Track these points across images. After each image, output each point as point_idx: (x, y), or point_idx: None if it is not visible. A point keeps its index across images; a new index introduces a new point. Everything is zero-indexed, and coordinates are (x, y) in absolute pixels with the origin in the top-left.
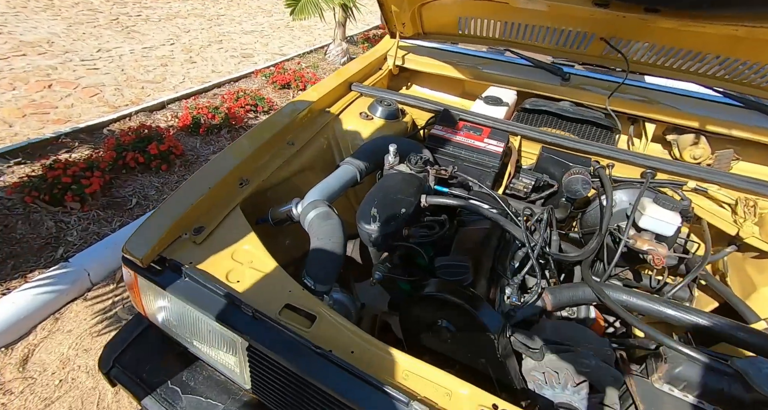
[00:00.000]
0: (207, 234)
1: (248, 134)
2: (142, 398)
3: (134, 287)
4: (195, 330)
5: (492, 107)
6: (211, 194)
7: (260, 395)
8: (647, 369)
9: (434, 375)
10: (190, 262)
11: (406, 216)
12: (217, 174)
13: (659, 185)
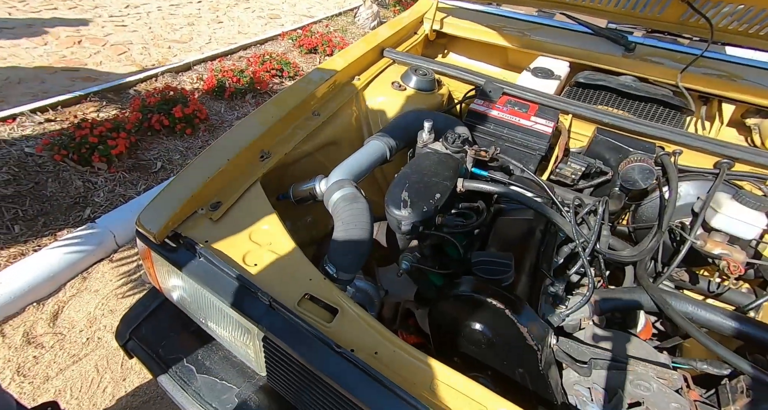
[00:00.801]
0: (224, 211)
1: (270, 102)
2: (158, 375)
3: (147, 258)
4: (210, 312)
5: (541, 80)
6: (230, 166)
7: (275, 385)
8: (718, 397)
9: (468, 388)
10: (206, 241)
11: (440, 202)
12: (237, 145)
13: (736, 178)
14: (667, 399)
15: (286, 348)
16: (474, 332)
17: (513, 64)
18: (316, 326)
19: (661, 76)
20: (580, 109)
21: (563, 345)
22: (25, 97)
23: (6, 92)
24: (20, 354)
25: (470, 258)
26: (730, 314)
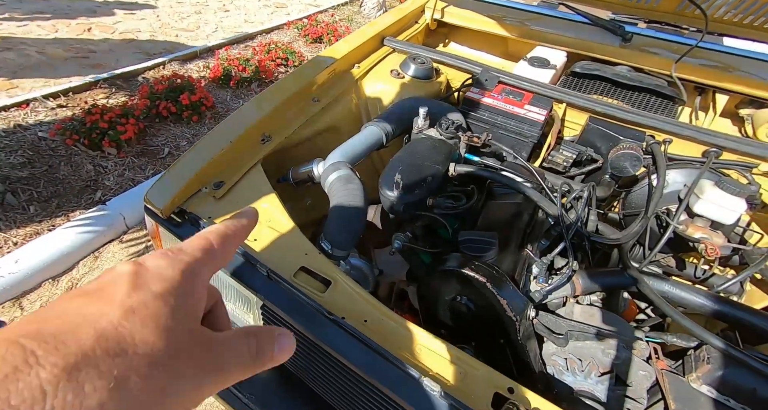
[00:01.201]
0: (227, 190)
1: (272, 88)
2: None
3: (156, 237)
4: (213, 282)
5: (537, 70)
6: (232, 148)
7: None
8: (684, 366)
9: (450, 353)
10: (209, 217)
11: (431, 185)
12: (239, 128)
13: (724, 167)
14: (636, 368)
15: (282, 315)
16: (458, 304)
17: (512, 53)
18: (311, 295)
19: (656, 66)
20: (573, 98)
21: (543, 319)
22: (38, 84)
23: (20, 77)
24: None
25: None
26: (704, 294)
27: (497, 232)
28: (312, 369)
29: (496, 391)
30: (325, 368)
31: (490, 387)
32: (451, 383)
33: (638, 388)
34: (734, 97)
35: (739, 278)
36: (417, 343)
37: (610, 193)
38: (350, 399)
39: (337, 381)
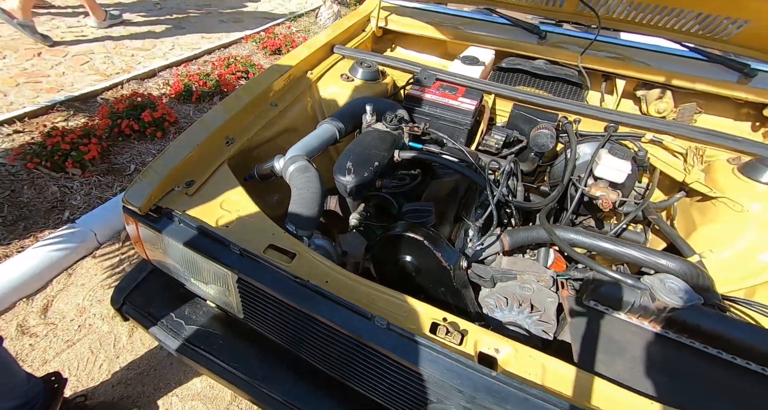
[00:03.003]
0: (197, 187)
1: (232, 96)
2: (150, 327)
3: (138, 242)
4: (192, 268)
5: (468, 67)
6: (200, 150)
7: (252, 321)
8: (580, 291)
9: (395, 297)
10: (183, 210)
11: (378, 169)
12: (204, 133)
13: (620, 138)
14: (545, 295)
15: (256, 284)
16: (405, 263)
17: (451, 54)
18: (279, 265)
19: (567, 59)
20: (500, 89)
21: (475, 269)
22: None
23: None
24: (16, 343)
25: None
26: (603, 238)
27: (439, 205)
28: (288, 329)
29: (433, 321)
30: (298, 326)
31: (429, 318)
32: (398, 319)
33: (549, 312)
34: (630, 81)
35: (624, 221)
36: (369, 293)
37: (534, 167)
38: (322, 349)
39: (309, 335)
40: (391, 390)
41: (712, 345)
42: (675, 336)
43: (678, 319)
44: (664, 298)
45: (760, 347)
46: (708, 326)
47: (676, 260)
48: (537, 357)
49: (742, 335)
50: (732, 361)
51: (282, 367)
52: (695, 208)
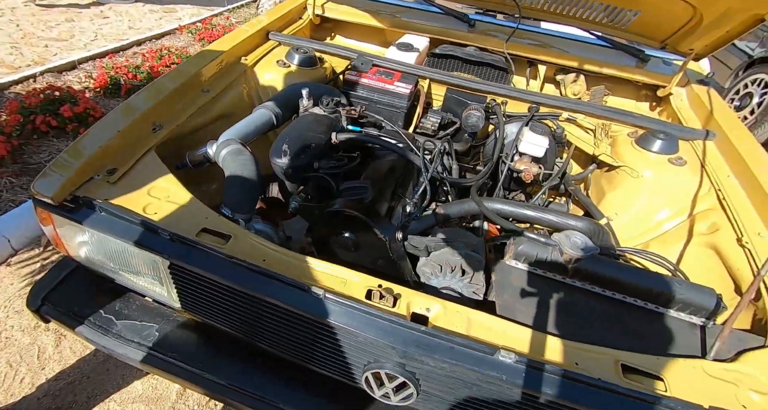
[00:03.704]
0: (121, 175)
1: (157, 82)
2: (76, 327)
3: (59, 243)
4: (120, 260)
5: (404, 53)
6: (122, 136)
7: (189, 309)
8: (503, 253)
9: (332, 269)
10: (105, 199)
11: (315, 151)
12: (126, 119)
13: (541, 118)
14: (473, 260)
15: (190, 268)
16: (343, 239)
17: (390, 42)
18: (213, 247)
19: (494, 46)
20: (433, 74)
21: (411, 241)
22: None
23: None
24: None
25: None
26: (525, 206)
27: (377, 183)
28: (227, 312)
29: (369, 288)
30: (237, 308)
31: (364, 286)
32: (336, 289)
33: (478, 275)
34: (551, 66)
35: (542, 191)
36: (308, 268)
37: (468, 147)
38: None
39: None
40: (332, 358)
41: (608, 288)
42: (579, 284)
43: (581, 268)
44: (568, 251)
45: (643, 286)
46: (604, 272)
47: (582, 220)
48: (463, 312)
49: (630, 277)
50: (623, 300)
51: (225, 352)
52: (604, 177)
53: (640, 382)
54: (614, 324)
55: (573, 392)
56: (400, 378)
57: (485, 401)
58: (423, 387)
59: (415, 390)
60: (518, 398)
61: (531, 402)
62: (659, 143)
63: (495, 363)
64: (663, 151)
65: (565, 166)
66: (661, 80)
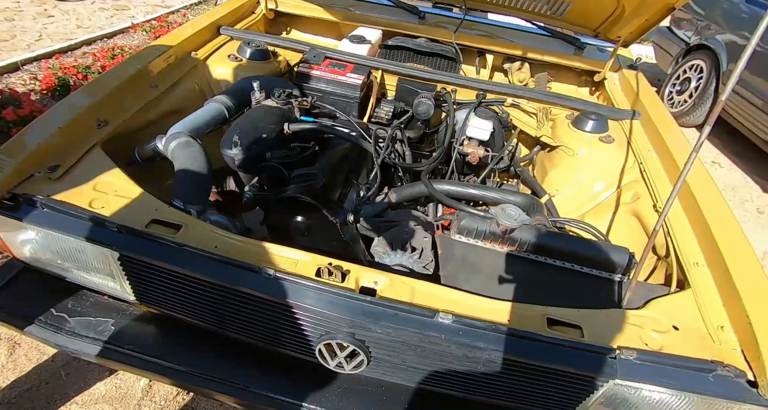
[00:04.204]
0: (64, 171)
1: (100, 77)
2: (25, 327)
3: (5, 248)
4: (66, 256)
5: (356, 45)
6: (63, 133)
7: (144, 301)
8: (448, 228)
9: (284, 251)
10: (47, 195)
11: (266, 141)
12: (68, 115)
13: (489, 104)
14: (420, 236)
15: (140, 258)
16: (297, 223)
17: (344, 34)
18: (162, 236)
19: (443, 37)
20: (385, 65)
21: (363, 222)
22: None
23: None
24: None
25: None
26: (469, 186)
27: (329, 171)
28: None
29: (319, 266)
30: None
31: (315, 265)
32: (287, 270)
33: (426, 250)
34: (498, 56)
35: (486, 171)
36: (260, 251)
37: (421, 134)
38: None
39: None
40: (287, 334)
41: (540, 253)
42: (516, 252)
43: (516, 238)
44: (503, 222)
45: (569, 250)
46: (535, 240)
47: (518, 195)
48: (408, 283)
49: (558, 243)
50: (552, 263)
51: (183, 340)
52: (546, 157)
53: (563, 332)
54: (545, 285)
55: (503, 343)
56: (350, 347)
57: (430, 361)
58: (373, 353)
59: (366, 357)
60: (457, 354)
61: (469, 358)
62: (591, 123)
63: (434, 325)
64: (594, 130)
65: (514, 149)
66: (596, 66)
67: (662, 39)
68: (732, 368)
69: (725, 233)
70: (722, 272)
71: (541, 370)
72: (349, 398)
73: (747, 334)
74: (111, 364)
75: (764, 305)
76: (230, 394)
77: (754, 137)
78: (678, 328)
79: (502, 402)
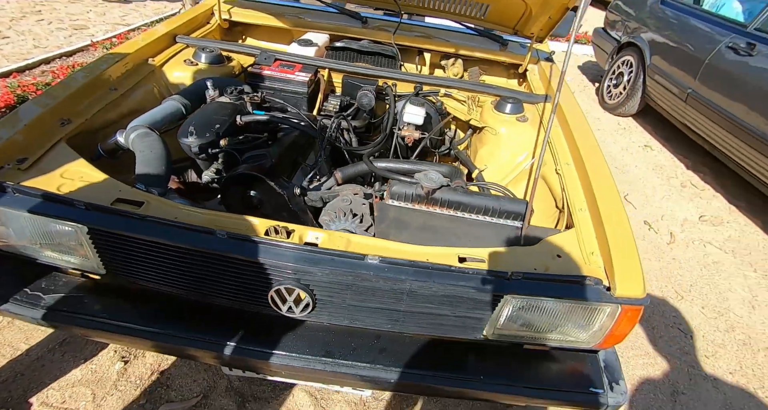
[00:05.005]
0: (31, 163)
1: (62, 82)
2: (2, 305)
3: None
4: (39, 237)
5: (304, 48)
6: (28, 130)
7: (114, 272)
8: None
9: (237, 218)
10: (17, 181)
11: (219, 130)
12: (32, 114)
13: (426, 95)
14: (359, 203)
15: (107, 229)
16: (248, 196)
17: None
18: (127, 211)
19: (384, 38)
20: (330, 64)
21: (309, 195)
22: None
23: None
24: None
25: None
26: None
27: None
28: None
29: (268, 227)
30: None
31: (264, 227)
32: (238, 230)
33: (366, 215)
34: (435, 54)
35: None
36: (216, 219)
37: (366, 123)
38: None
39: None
40: (242, 287)
41: (457, 210)
42: (438, 211)
43: (437, 198)
44: (426, 184)
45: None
46: (453, 198)
47: (443, 166)
48: (344, 236)
49: (471, 200)
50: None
51: (153, 306)
52: (476, 138)
53: (470, 265)
54: (462, 234)
55: (421, 275)
56: (297, 290)
57: (365, 298)
58: (317, 295)
59: (311, 298)
60: (385, 288)
61: (395, 291)
62: (509, 106)
63: (364, 265)
64: (512, 112)
65: (454, 134)
66: (519, 60)
67: (599, 39)
68: (595, 278)
69: (602, 187)
70: (597, 215)
71: (453, 296)
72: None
73: (608, 257)
74: (84, 332)
75: (620, 237)
76: (204, 349)
77: (676, 121)
78: (561, 256)
79: (429, 332)
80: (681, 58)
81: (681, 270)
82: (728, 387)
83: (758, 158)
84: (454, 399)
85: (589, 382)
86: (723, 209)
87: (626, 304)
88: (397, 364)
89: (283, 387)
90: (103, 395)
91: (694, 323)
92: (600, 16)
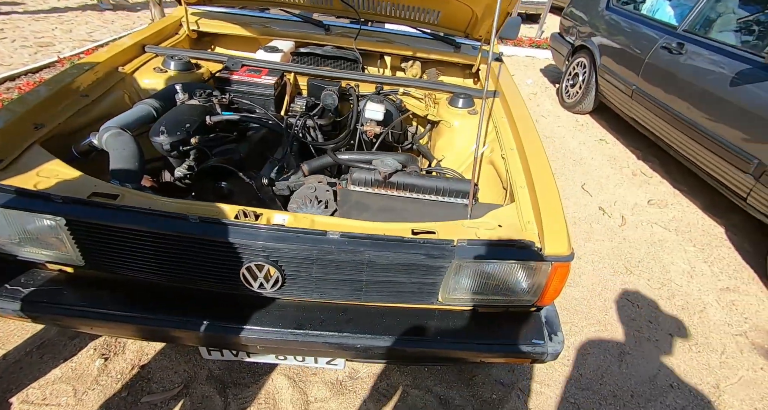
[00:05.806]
0: (7, 164)
1: (34, 89)
2: None
3: None
4: (18, 233)
5: (270, 54)
6: (3, 134)
7: (94, 264)
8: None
9: (208, 205)
10: None
11: (190, 129)
12: (6, 118)
13: (386, 94)
14: (323, 190)
15: (85, 220)
16: (219, 187)
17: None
18: (103, 202)
19: (346, 44)
20: (295, 68)
21: (277, 185)
22: None
23: None
24: None
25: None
26: (366, 153)
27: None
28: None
29: (237, 212)
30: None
31: (234, 212)
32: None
33: (330, 201)
34: (395, 57)
35: (378, 141)
36: (188, 207)
37: (332, 121)
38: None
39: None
40: (215, 268)
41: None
42: (395, 193)
43: (394, 181)
44: (382, 169)
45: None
46: (406, 181)
47: (400, 154)
48: (308, 217)
49: (423, 183)
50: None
51: (131, 294)
52: (435, 132)
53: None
54: (416, 213)
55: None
56: (266, 266)
57: (329, 272)
58: (286, 271)
59: (280, 274)
60: (347, 260)
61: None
62: (461, 101)
63: (326, 240)
64: (464, 106)
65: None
66: (471, 60)
67: (556, 43)
68: (529, 241)
69: (539, 168)
70: (533, 191)
71: (408, 264)
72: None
73: (540, 224)
74: (64, 322)
75: (551, 208)
76: (184, 328)
77: (626, 116)
78: (502, 226)
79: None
80: (625, 58)
81: (630, 249)
82: (667, 346)
83: (695, 147)
84: (417, 364)
85: (533, 335)
86: (668, 193)
87: (555, 261)
88: (363, 332)
89: (262, 372)
90: (84, 390)
91: (641, 293)
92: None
